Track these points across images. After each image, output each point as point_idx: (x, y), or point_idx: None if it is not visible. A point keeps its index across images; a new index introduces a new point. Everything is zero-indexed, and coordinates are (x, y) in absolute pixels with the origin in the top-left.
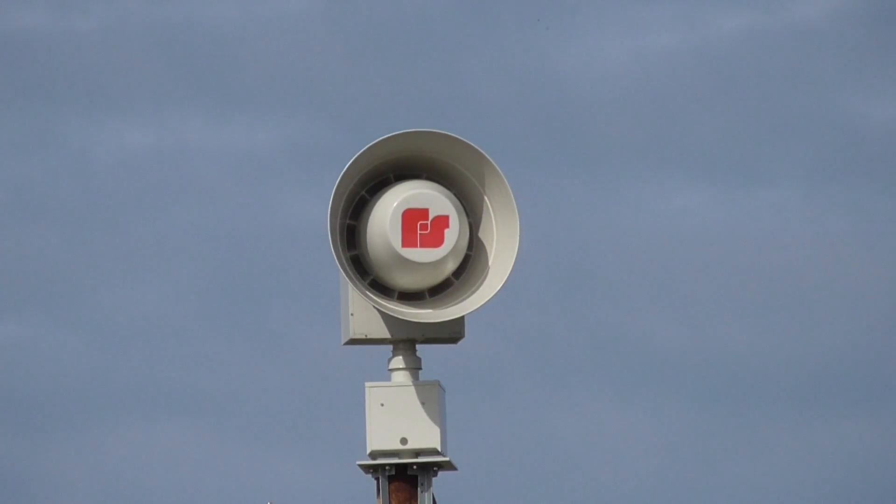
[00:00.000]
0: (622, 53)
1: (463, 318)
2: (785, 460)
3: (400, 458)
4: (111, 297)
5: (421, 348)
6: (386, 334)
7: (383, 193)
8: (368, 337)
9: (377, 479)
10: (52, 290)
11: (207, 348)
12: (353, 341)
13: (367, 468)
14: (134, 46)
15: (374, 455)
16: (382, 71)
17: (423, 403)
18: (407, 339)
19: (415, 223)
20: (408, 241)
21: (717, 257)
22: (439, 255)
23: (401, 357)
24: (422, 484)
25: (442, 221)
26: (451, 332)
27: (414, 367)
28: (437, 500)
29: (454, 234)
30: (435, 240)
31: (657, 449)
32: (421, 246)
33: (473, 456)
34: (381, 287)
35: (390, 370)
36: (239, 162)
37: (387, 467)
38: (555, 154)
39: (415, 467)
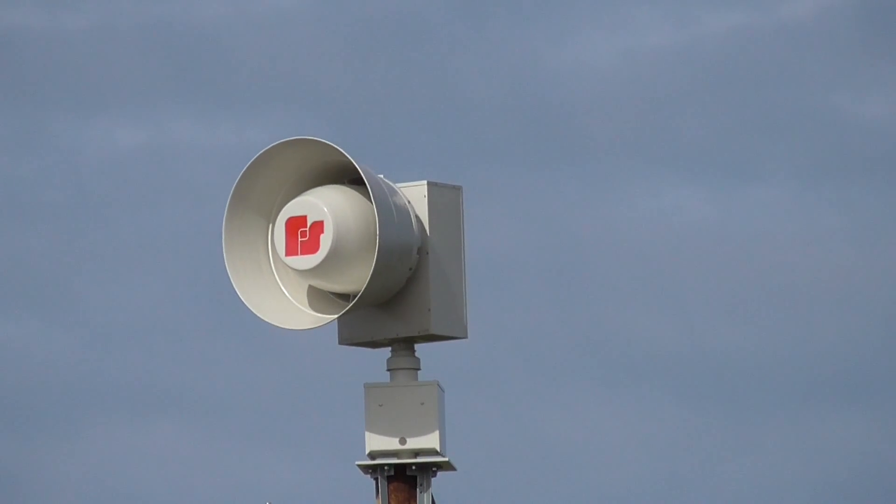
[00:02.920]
0: (613, 52)
1: (429, 312)
2: (780, 459)
3: (399, 458)
4: (102, 296)
5: (420, 348)
6: (368, 337)
7: None
8: (353, 340)
9: (376, 479)
10: (42, 290)
11: (201, 348)
12: (344, 342)
13: (365, 468)
14: (124, 45)
15: (372, 455)
16: (373, 69)
17: (421, 404)
18: (396, 339)
19: (296, 230)
20: (291, 248)
21: (710, 255)
22: (315, 262)
23: (399, 357)
24: (421, 484)
25: (318, 227)
26: (419, 329)
27: (413, 367)
28: (436, 500)
29: (328, 238)
30: (312, 246)
31: (652, 448)
32: (301, 253)
33: (472, 456)
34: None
35: (389, 370)
36: (229, 160)
37: (386, 467)
38: (546, 152)
39: (414, 467)
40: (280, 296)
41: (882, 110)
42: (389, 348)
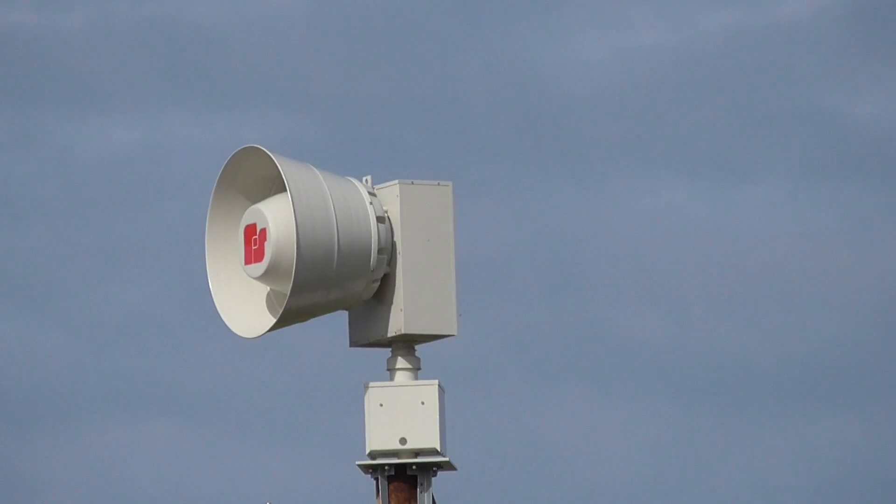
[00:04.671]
0: (607, 51)
1: (401, 312)
2: (773, 457)
3: (399, 458)
4: (97, 294)
5: (421, 348)
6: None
7: None
8: (358, 342)
9: (376, 479)
10: (37, 288)
11: (198, 346)
12: (353, 344)
13: (366, 468)
14: (119, 44)
15: (373, 455)
16: (368, 68)
17: (422, 403)
18: (385, 340)
19: (251, 238)
20: (247, 256)
21: (704, 254)
22: (261, 270)
23: (400, 357)
24: (421, 484)
25: (264, 235)
26: (395, 329)
27: (413, 367)
28: (436, 500)
29: (271, 246)
30: (260, 254)
31: (647, 446)
32: (254, 261)
33: (472, 456)
34: None
35: (389, 370)
36: (224, 159)
37: (386, 467)
38: (541, 151)
39: (414, 467)
40: (260, 300)
41: (875, 109)
42: (390, 348)
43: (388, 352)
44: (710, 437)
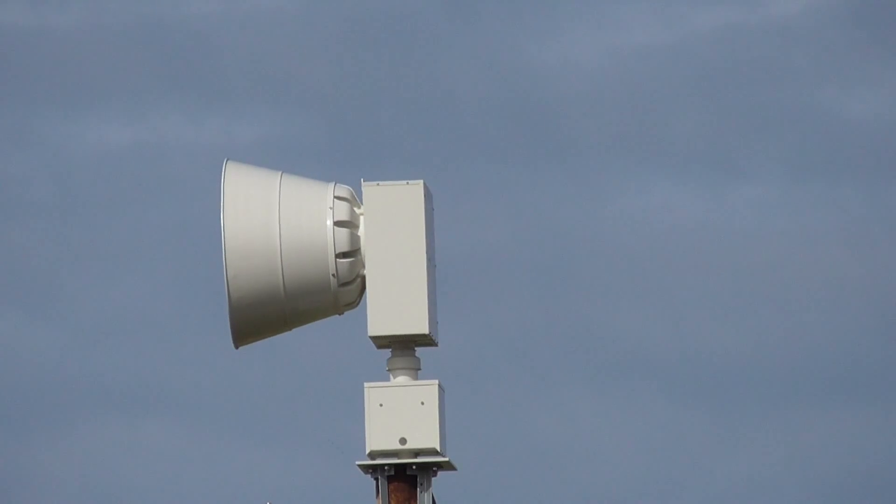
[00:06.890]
0: (600, 49)
1: (367, 314)
2: (767, 455)
3: (399, 458)
4: (91, 294)
5: (420, 348)
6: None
7: None
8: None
9: (376, 479)
10: (31, 287)
11: (196, 345)
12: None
13: (366, 468)
14: (112, 43)
15: (373, 455)
16: (361, 67)
17: (422, 403)
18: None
19: None
20: None
21: (697, 252)
22: None
23: (399, 357)
24: (421, 484)
25: None
26: (370, 332)
27: (413, 367)
28: (436, 499)
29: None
30: None
31: (642, 445)
32: None
33: (472, 456)
34: None
35: (389, 370)
36: (217, 158)
37: (386, 467)
38: (535, 150)
39: (414, 467)
40: None
41: (869, 107)
42: (390, 349)
43: (388, 352)
44: (704, 434)
